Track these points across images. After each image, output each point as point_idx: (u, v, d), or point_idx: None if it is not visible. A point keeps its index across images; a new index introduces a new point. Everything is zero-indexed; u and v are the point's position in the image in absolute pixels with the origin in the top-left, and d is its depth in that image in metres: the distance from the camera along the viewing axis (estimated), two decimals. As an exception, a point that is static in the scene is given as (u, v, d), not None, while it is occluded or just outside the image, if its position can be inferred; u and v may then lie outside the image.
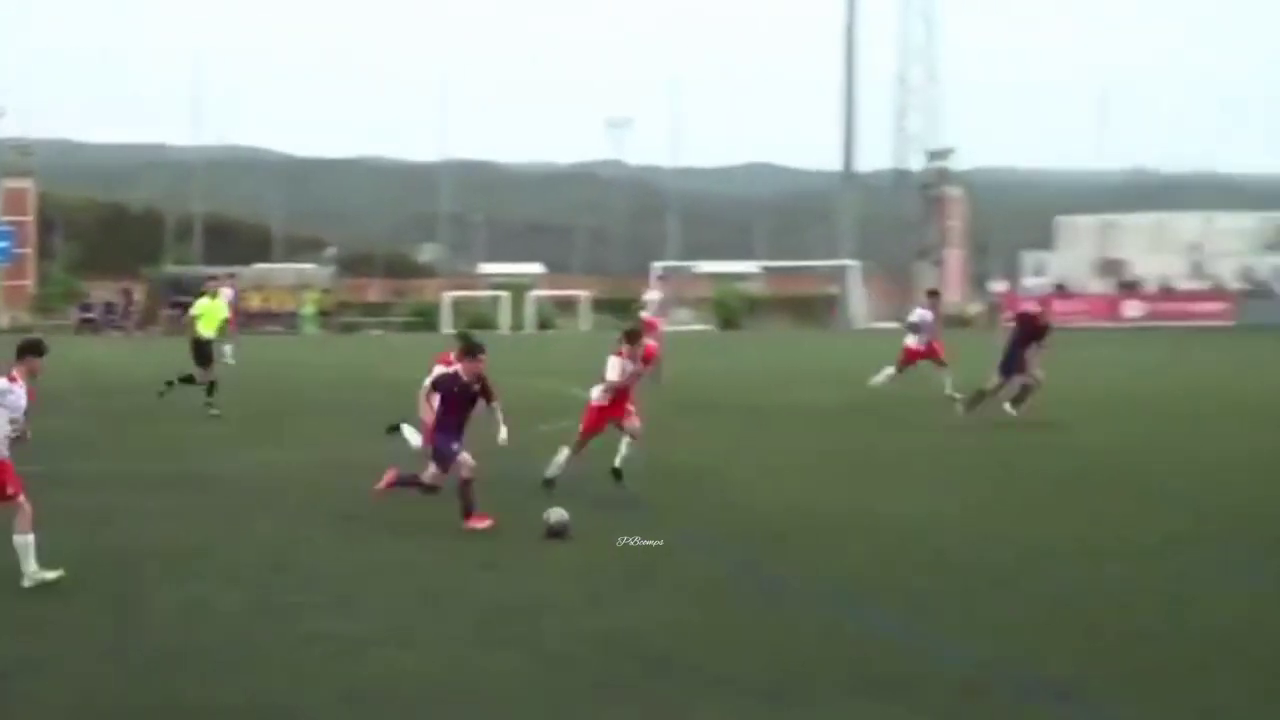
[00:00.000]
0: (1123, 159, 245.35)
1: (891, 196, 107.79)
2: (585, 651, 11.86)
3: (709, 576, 14.84)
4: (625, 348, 19.96)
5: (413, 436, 20.24)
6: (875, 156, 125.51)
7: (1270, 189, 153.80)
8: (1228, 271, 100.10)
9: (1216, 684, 10.96)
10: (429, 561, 15.55)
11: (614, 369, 19.83)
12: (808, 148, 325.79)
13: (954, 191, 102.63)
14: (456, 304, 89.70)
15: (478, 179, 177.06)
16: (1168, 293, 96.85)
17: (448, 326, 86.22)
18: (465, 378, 17.43)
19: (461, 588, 14.30)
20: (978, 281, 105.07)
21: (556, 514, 16.55)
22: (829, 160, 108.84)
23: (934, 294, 35.77)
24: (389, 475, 17.94)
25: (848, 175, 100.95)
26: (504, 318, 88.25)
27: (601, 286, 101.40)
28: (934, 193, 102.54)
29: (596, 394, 20.10)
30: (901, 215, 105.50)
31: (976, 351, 33.72)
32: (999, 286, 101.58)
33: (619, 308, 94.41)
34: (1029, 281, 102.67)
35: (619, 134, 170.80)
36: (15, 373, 14.40)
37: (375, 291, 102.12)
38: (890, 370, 33.14)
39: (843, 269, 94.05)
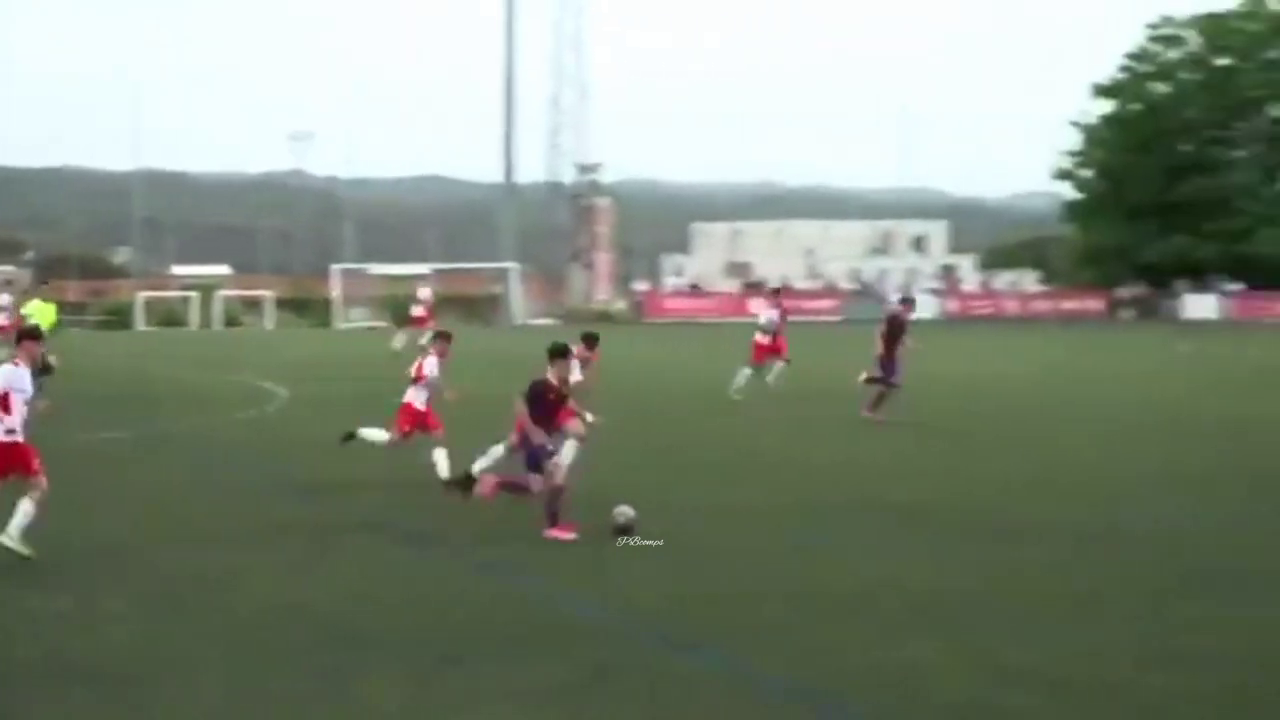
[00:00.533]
0: (752, 172, 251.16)
1: (547, 206, 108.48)
2: (270, 622, 11.59)
3: (387, 551, 14.65)
4: (583, 350, 18.96)
5: (375, 435, 18.99)
6: (533, 170, 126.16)
7: (875, 202, 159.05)
8: (838, 273, 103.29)
9: (843, 632, 11.14)
10: (128, 538, 15.05)
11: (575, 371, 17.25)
12: (474, 162, 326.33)
13: (602, 201, 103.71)
14: (149, 303, 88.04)
15: (170, 186, 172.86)
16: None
17: (141, 324, 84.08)
18: (555, 381, 15.56)
19: (157, 561, 13.89)
20: (623, 281, 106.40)
21: (624, 512, 15.22)
22: (492, 173, 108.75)
23: (776, 293, 34.00)
24: (490, 484, 15.77)
25: (508, 187, 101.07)
26: (194, 316, 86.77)
27: (284, 286, 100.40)
28: (584, 203, 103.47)
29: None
30: (556, 223, 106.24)
31: (622, 346, 33.52)
32: (641, 286, 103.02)
33: (301, 306, 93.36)
34: (669, 280, 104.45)
35: (301, 146, 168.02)
36: (18, 359, 13.76)
37: (73, 292, 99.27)
38: (746, 371, 30.75)
39: (505, 271, 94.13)
